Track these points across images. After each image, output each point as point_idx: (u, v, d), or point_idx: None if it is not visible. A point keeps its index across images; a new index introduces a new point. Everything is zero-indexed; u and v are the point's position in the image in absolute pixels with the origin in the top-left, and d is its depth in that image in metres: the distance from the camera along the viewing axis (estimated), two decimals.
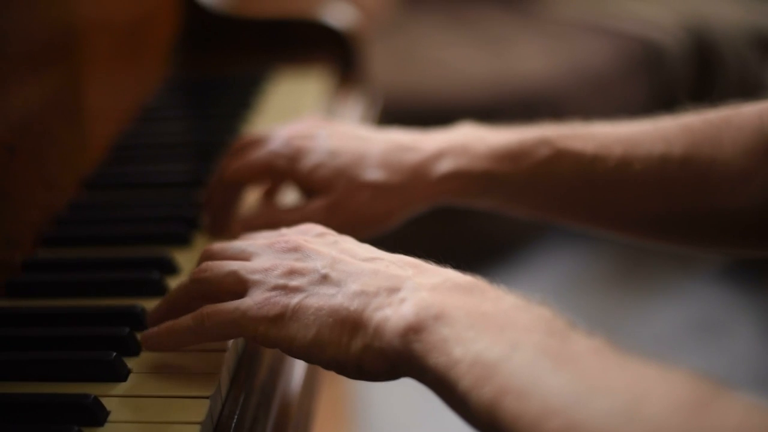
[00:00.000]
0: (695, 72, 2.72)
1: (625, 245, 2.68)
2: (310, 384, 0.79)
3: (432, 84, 2.53)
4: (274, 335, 0.63)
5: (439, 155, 0.84)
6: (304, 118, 0.92)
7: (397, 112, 2.47)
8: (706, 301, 2.52)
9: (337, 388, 1.80)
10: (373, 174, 0.84)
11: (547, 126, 0.86)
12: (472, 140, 0.85)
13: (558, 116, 2.69)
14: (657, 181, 0.83)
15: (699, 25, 2.77)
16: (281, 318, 0.63)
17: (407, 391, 2.18)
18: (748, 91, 2.66)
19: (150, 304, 0.75)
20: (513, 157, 0.83)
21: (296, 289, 0.64)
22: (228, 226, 0.89)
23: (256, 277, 0.65)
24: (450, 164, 0.84)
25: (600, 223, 0.89)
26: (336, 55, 1.34)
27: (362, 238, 0.69)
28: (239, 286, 0.66)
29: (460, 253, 2.50)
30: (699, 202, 0.85)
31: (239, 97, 1.22)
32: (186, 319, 0.67)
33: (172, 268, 0.83)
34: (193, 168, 1.04)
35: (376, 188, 0.84)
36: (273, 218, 0.85)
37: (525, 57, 2.64)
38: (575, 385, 0.50)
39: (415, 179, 0.84)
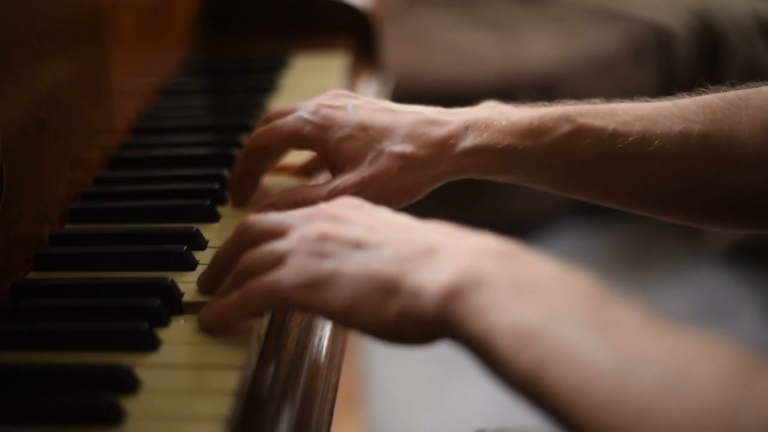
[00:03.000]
0: (703, 57, 2.73)
1: (631, 229, 2.70)
2: (334, 356, 0.80)
3: (443, 67, 2.55)
4: (312, 301, 0.63)
5: (463, 130, 0.85)
6: (331, 91, 0.92)
7: (409, 95, 2.49)
8: (711, 285, 2.53)
9: (348, 364, 1.81)
10: (402, 147, 0.85)
11: (569, 103, 0.88)
12: (495, 116, 0.86)
13: (567, 100, 2.66)
14: (676, 158, 0.85)
15: (707, 10, 2.77)
16: (317, 284, 0.63)
17: (416, 368, 2.20)
18: (756, 78, 2.66)
19: (177, 277, 0.77)
20: (535, 132, 0.85)
21: (331, 254, 0.64)
22: (251, 194, 0.91)
23: (293, 245, 0.66)
24: (474, 139, 0.85)
25: (619, 198, 0.90)
26: (355, 34, 1.35)
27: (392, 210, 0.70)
28: (278, 258, 0.67)
29: None
30: (716, 179, 0.86)
31: (262, 75, 1.23)
32: (232, 296, 0.68)
33: (198, 243, 0.84)
34: (218, 143, 1.05)
35: (405, 161, 0.85)
36: (303, 194, 0.85)
37: (535, 42, 2.65)
38: (617, 356, 0.51)
39: (441, 153, 0.85)
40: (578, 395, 0.50)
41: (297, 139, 0.88)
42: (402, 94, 2.43)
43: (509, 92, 2.47)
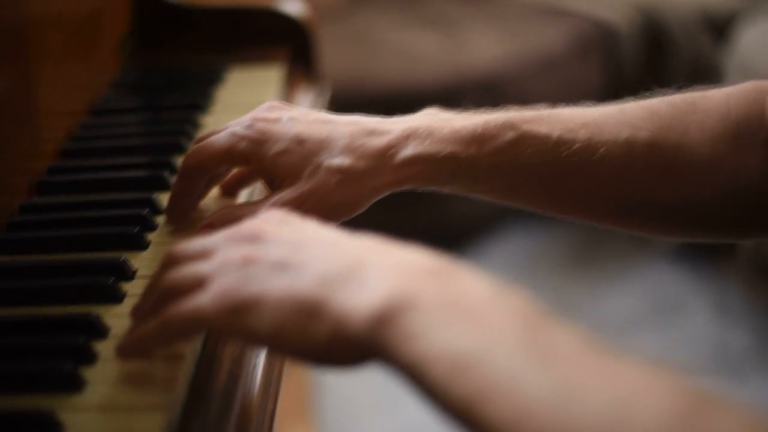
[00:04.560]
0: (649, 54, 2.73)
1: (581, 228, 2.70)
2: (270, 384, 0.78)
3: (386, 70, 2.53)
4: (237, 327, 0.61)
5: (404, 139, 0.83)
6: (265, 103, 0.90)
7: (352, 100, 2.48)
8: (661, 282, 2.54)
9: (296, 381, 1.79)
10: (340, 160, 0.83)
11: (513, 110, 0.86)
12: (437, 123, 0.84)
13: (512, 100, 2.70)
14: (622, 166, 0.83)
15: (651, 6, 2.78)
16: (241, 309, 0.60)
17: (366, 383, 2.18)
18: (700, 73, 2.67)
19: (104, 311, 0.75)
20: (478, 140, 0.83)
21: (255, 277, 0.61)
22: (188, 215, 0.88)
23: (215, 268, 0.64)
24: (415, 148, 0.83)
25: (566, 207, 0.89)
26: (291, 44, 1.33)
27: (331, 225, 0.68)
28: (200, 285, 0.64)
29: (415, 238, 2.51)
30: (664, 188, 0.85)
31: (196, 90, 1.20)
32: (152, 323, 0.65)
33: (126, 274, 0.82)
34: (149, 165, 1.02)
35: (343, 174, 0.82)
36: (241, 212, 0.82)
37: (479, 41, 2.64)
38: (556, 385, 0.49)
39: (381, 164, 0.83)
40: (516, 426, 0.48)
41: (232, 155, 0.85)
42: (344, 99, 2.42)
43: (454, 94, 2.48)
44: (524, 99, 2.62)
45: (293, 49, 1.32)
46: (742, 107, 0.85)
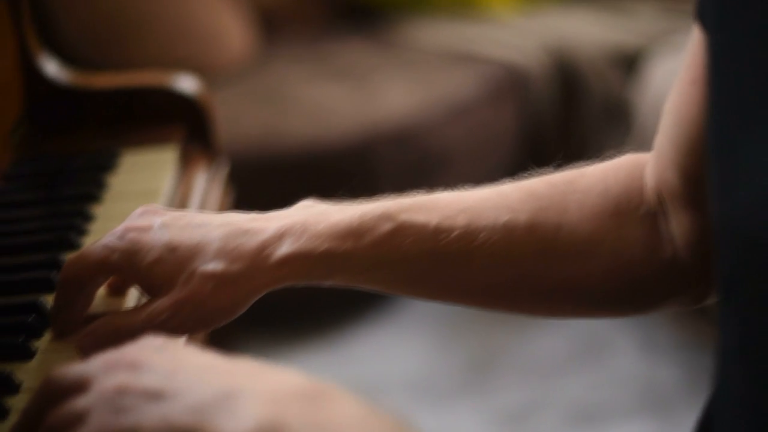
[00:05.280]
0: (560, 95, 2.75)
1: None
2: None
3: (297, 126, 2.51)
4: None
5: (278, 238, 0.82)
6: (139, 209, 0.88)
7: (264, 159, 2.46)
8: (589, 322, 2.54)
9: None
10: (214, 265, 0.81)
11: (390, 198, 0.85)
12: (313, 218, 0.83)
13: (427, 151, 2.68)
14: (503, 251, 0.82)
15: (561, 47, 2.80)
16: None
17: None
18: (613, 112, 2.70)
19: None
20: (354, 234, 0.82)
21: (130, 409, 0.60)
22: (72, 326, 0.86)
23: (91, 402, 0.63)
24: (290, 247, 0.81)
25: (451, 295, 0.88)
26: (186, 122, 1.31)
27: (211, 329, 0.67)
28: (78, 418, 0.62)
29: (338, 300, 2.49)
30: (548, 269, 0.84)
31: (88, 179, 1.17)
32: None
33: (10, 387, 0.79)
34: (35, 265, 1.00)
35: (218, 279, 0.81)
36: (120, 322, 0.82)
37: (390, 92, 2.63)
38: None
39: (256, 265, 0.82)
40: None
41: (106, 268, 0.83)
42: (255, 161, 2.41)
43: (367, 148, 2.47)
44: (439, 149, 2.64)
45: (189, 127, 1.30)
46: (620, 183, 0.85)
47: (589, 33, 2.88)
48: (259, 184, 2.34)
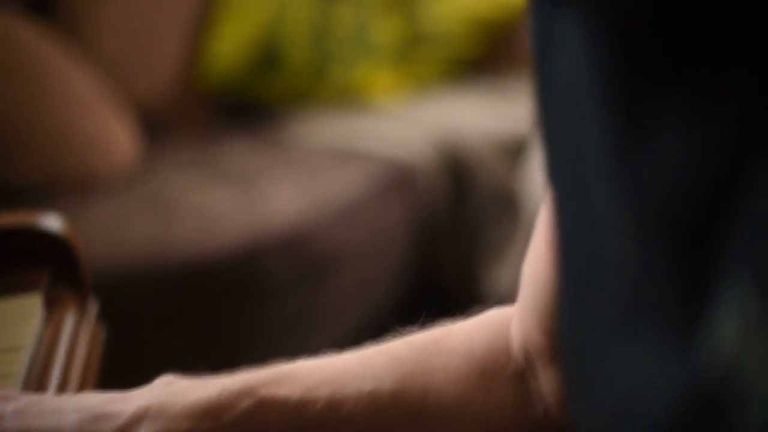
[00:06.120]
0: (448, 188, 2.75)
1: None
2: None
3: (184, 234, 2.47)
4: None
5: (135, 421, 0.79)
6: None
7: (149, 273, 2.42)
8: None
9: None
10: None
11: (252, 372, 0.82)
12: (171, 398, 0.80)
13: (317, 253, 2.63)
14: (369, 421, 0.80)
15: (448, 138, 2.81)
16: None
17: None
18: (500, 202, 2.71)
19: None
20: (213, 413, 0.79)
21: None
22: None
23: None
24: (147, 431, 0.79)
25: None
26: (53, 262, 1.26)
27: None
28: None
29: None
30: None
31: None
32: None
33: None
34: None
35: None
36: None
37: (278, 194, 2.61)
38: None
39: None
40: None
41: None
42: (140, 274, 2.36)
43: (256, 254, 2.44)
44: (329, 251, 2.61)
45: (55, 268, 1.26)
46: (486, 342, 0.83)
47: (475, 121, 2.89)
48: (144, 298, 2.31)
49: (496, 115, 2.93)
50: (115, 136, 2.77)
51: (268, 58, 3.07)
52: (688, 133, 0.43)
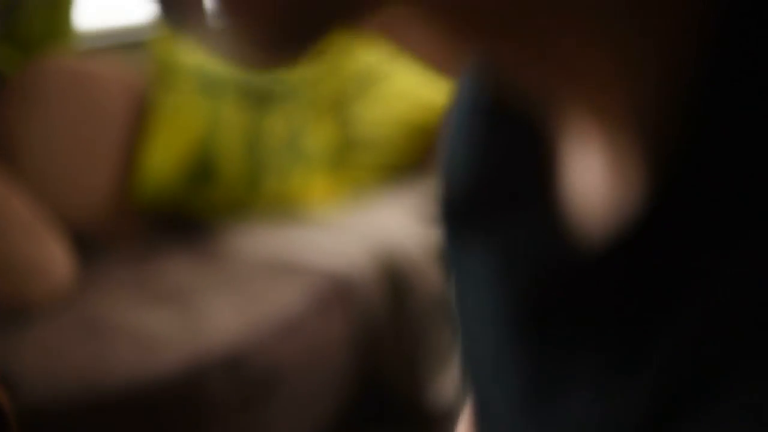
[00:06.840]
0: (386, 298, 2.74)
1: None
2: None
3: (122, 359, 2.43)
4: None
5: None
6: None
7: (85, 400, 2.37)
8: None
9: None
10: None
11: None
12: None
13: (258, 371, 2.59)
14: None
15: (384, 247, 2.81)
16: None
17: None
18: (437, 309, 2.70)
19: None
20: None
21: None
22: None
23: None
24: None
25: None
26: None
27: None
28: None
29: None
30: None
31: None
32: None
33: None
34: None
35: None
36: None
37: (217, 312, 2.58)
38: None
39: None
40: None
41: None
42: (77, 401, 2.31)
43: (197, 376, 2.40)
44: (270, 368, 2.58)
45: None
46: None
47: (411, 227, 2.90)
48: (83, 426, 2.26)
49: (432, 220, 2.94)
50: (51, 259, 2.73)
51: (202, 170, 3.06)
52: (599, 393, 0.43)
